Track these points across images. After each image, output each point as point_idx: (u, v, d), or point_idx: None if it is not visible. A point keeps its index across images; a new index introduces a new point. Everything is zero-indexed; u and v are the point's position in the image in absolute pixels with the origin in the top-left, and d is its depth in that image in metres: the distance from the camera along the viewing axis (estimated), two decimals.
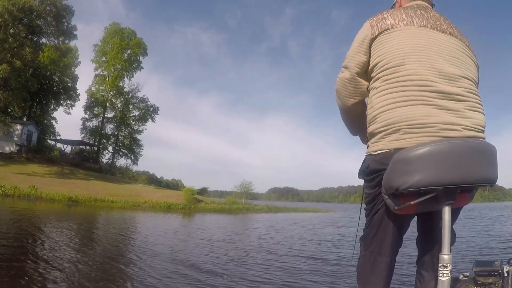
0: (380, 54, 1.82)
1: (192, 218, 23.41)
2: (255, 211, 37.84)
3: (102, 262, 6.94)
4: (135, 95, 61.80)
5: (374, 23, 1.89)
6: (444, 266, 1.55)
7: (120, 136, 61.72)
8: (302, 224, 21.32)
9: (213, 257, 8.46)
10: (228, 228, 16.53)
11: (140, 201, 32.07)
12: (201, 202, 36.78)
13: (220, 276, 6.57)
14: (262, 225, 20.29)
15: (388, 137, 1.74)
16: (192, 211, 31.26)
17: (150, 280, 5.86)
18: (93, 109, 59.56)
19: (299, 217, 30.88)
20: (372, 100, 1.85)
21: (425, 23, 1.82)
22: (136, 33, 60.88)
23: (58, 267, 6.12)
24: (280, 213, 37.64)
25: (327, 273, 7.41)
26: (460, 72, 1.74)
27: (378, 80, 1.82)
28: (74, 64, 58.10)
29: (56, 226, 12.05)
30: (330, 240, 12.41)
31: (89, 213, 20.13)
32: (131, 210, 27.26)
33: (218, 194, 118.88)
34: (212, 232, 14.45)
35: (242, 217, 27.27)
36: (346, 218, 29.39)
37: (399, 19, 1.84)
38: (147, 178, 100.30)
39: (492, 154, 1.68)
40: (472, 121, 1.71)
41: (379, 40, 1.85)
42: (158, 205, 31.86)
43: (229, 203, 39.05)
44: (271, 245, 10.86)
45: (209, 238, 12.13)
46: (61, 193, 28.73)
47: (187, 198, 35.54)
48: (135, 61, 60.35)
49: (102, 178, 44.43)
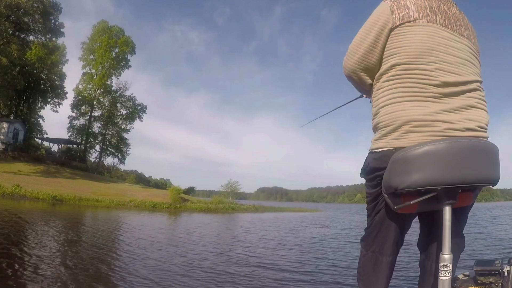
0: (395, 47, 1.76)
1: (174, 218, 23.36)
2: (241, 210, 37.90)
3: (83, 262, 6.93)
4: (123, 93, 61.78)
5: (395, 8, 1.77)
6: (445, 266, 1.55)
7: (107, 135, 61.54)
8: (281, 224, 21.25)
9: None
10: (200, 229, 16.26)
11: (125, 200, 32.06)
12: (187, 202, 36.88)
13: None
14: (237, 225, 20.32)
15: (390, 135, 1.74)
16: (178, 211, 31.28)
17: (121, 280, 5.87)
18: (80, 108, 59.30)
19: (283, 216, 30.98)
20: (377, 94, 1.84)
21: (447, 23, 1.77)
22: (124, 31, 60.88)
23: (40, 267, 5.99)
24: (267, 213, 37.55)
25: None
26: (468, 76, 1.73)
27: (386, 74, 1.80)
28: (62, 62, 57.64)
29: (38, 225, 11.99)
30: (303, 243, 12.03)
31: (71, 212, 19.99)
32: (115, 209, 27.16)
33: (206, 194, 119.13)
34: (164, 232, 14.15)
35: (223, 217, 27.09)
36: (331, 219, 29.41)
37: (423, 13, 1.74)
38: (135, 178, 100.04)
39: (494, 153, 1.67)
40: (476, 120, 1.71)
41: (397, 31, 1.76)
42: (143, 205, 31.87)
43: (215, 202, 39.15)
44: (224, 247, 10.41)
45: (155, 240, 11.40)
46: (45, 192, 28.60)
47: (173, 197, 35.66)
48: (123, 59, 60.25)
49: (89, 177, 44.32)
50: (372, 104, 1.92)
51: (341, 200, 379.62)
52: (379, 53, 1.84)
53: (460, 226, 1.90)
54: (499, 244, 10.69)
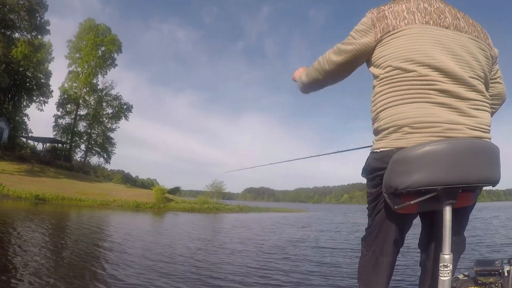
0: (384, 55, 1.82)
1: (154, 218, 23.34)
2: (226, 211, 37.92)
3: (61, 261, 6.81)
4: (109, 92, 61.60)
5: (375, 21, 1.85)
6: (445, 266, 1.55)
7: (92, 134, 61.30)
8: (258, 225, 20.83)
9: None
10: (171, 230, 16.14)
11: (109, 200, 32.09)
12: (171, 201, 36.99)
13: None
14: (213, 226, 20.09)
15: (391, 135, 1.75)
16: (161, 211, 31.34)
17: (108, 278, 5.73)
18: (66, 106, 58.92)
19: (266, 217, 31.06)
20: (376, 98, 1.86)
21: (427, 20, 1.77)
22: (111, 29, 60.64)
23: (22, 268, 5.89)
24: (251, 213, 37.66)
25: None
26: (464, 71, 1.72)
27: (382, 80, 1.82)
28: (48, 60, 57.11)
29: (18, 225, 12.03)
30: (275, 245, 11.41)
31: (52, 212, 19.91)
32: (98, 209, 27.13)
33: (193, 194, 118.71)
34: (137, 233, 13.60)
35: (204, 217, 27.01)
36: (315, 219, 29.35)
37: (400, 17, 1.80)
38: (122, 177, 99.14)
39: (494, 154, 1.67)
40: (477, 120, 1.71)
41: (383, 42, 1.82)
42: (127, 204, 31.92)
43: (199, 202, 39.31)
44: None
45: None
46: (28, 191, 28.52)
47: (157, 197, 35.79)
48: (109, 58, 60.05)
49: (73, 176, 44.09)
50: (370, 109, 1.93)
51: (328, 201, 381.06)
52: (358, 64, 2.00)
53: (460, 226, 1.92)
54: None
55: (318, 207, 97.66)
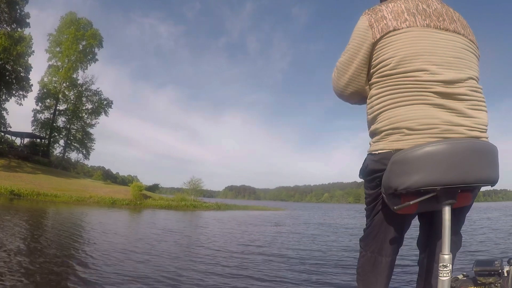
0: (381, 56, 1.81)
1: (127, 215, 23.19)
2: (203, 208, 37.95)
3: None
4: (89, 87, 60.79)
5: (373, 22, 1.83)
6: (444, 266, 1.56)
7: (72, 130, 60.58)
8: (230, 224, 20.29)
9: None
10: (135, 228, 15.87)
11: (85, 196, 32.08)
12: (148, 198, 37.15)
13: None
14: (183, 224, 19.46)
15: (389, 137, 1.75)
16: (138, 207, 31.36)
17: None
18: (45, 101, 57.99)
19: (243, 215, 31.01)
20: (373, 100, 1.85)
21: (428, 22, 1.76)
22: (92, 23, 59.76)
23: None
24: (229, 211, 37.51)
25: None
26: (463, 72, 1.74)
27: (379, 81, 1.83)
28: (28, 53, 56.31)
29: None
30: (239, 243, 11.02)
31: (28, 208, 19.86)
32: (74, 205, 27.10)
33: (173, 191, 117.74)
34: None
35: (178, 215, 26.74)
36: (291, 218, 29.01)
37: (401, 19, 1.77)
38: (103, 174, 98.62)
39: (493, 154, 1.68)
40: (475, 120, 1.72)
41: (381, 43, 1.80)
42: (103, 201, 31.96)
43: (177, 200, 39.34)
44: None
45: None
46: (4, 186, 28.46)
47: (134, 194, 35.95)
48: (90, 52, 59.24)
49: (50, 172, 43.78)
50: (366, 112, 1.94)
51: (308, 199, 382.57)
52: (366, 72, 1.94)
53: (458, 225, 1.95)
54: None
55: (298, 206, 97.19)
